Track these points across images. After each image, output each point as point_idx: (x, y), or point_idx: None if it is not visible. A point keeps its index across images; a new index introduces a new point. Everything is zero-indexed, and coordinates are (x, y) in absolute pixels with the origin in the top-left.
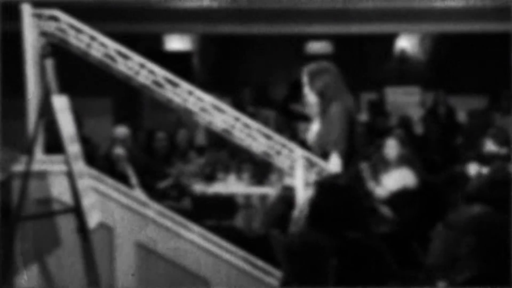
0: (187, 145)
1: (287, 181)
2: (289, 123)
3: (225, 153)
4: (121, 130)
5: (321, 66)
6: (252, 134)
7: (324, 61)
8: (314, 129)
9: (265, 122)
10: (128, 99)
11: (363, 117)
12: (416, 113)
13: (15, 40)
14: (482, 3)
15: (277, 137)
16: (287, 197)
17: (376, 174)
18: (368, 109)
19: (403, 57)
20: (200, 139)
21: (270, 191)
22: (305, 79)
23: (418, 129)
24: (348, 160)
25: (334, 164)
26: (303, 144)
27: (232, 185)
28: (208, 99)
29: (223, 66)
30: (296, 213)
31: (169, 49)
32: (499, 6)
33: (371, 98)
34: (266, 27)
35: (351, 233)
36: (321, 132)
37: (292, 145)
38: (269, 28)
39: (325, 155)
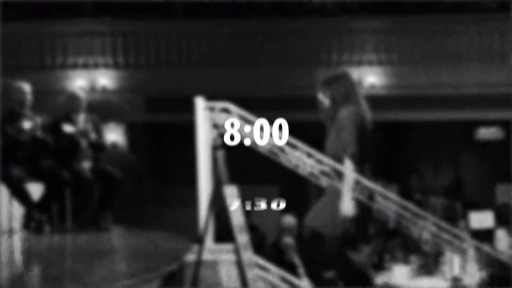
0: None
1: (457, 272)
2: (464, 212)
3: (396, 241)
4: (289, 220)
5: (335, 74)
6: (419, 223)
7: (342, 68)
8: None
9: (433, 210)
10: (296, 187)
11: None
12: None
13: (188, 131)
14: None
15: (445, 225)
16: None
17: None
18: None
19: None
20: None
21: (440, 283)
22: (319, 86)
23: None
24: (361, 166)
25: (348, 168)
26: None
27: (399, 276)
28: (375, 187)
29: (389, 153)
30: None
31: None
32: None
33: None
34: (435, 113)
35: None
36: (333, 138)
37: (463, 235)
38: (438, 114)
39: (339, 161)
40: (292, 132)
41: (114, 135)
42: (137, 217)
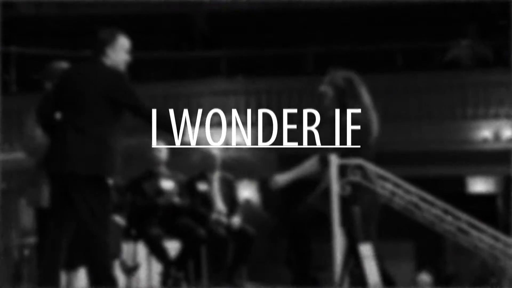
0: None
1: None
2: None
3: None
4: (425, 278)
5: (348, 75)
6: None
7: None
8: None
9: None
10: (431, 243)
11: None
12: None
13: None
14: None
15: None
16: None
17: None
18: None
19: None
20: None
21: None
22: (327, 79)
23: None
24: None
25: None
26: None
27: None
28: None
29: None
30: None
31: (473, 192)
32: None
33: None
34: None
35: None
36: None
37: None
38: None
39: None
40: (424, 188)
41: (247, 192)
42: (271, 274)
